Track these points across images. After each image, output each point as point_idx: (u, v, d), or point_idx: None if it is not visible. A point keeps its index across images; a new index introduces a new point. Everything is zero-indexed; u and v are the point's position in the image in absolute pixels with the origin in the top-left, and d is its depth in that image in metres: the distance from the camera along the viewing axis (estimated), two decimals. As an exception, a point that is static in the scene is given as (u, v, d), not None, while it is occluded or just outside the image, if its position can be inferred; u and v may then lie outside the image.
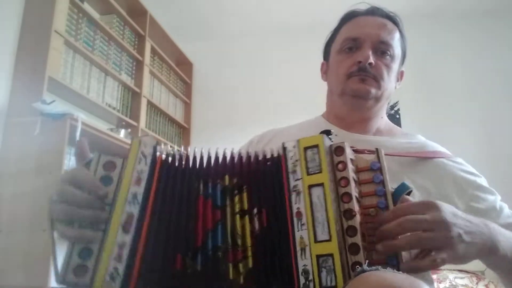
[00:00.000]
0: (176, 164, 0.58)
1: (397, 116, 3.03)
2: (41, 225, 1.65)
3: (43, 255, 1.61)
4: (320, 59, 1.01)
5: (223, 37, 3.55)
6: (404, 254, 0.51)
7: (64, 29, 2.02)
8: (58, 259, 0.52)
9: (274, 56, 3.41)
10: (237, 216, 0.54)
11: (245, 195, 0.55)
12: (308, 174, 0.53)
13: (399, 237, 0.51)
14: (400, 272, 0.45)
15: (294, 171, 0.54)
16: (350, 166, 0.54)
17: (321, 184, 0.52)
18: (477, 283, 2.20)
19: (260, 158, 0.58)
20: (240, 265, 0.52)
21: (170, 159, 0.58)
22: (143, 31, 2.79)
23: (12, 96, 1.88)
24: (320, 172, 0.53)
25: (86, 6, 2.30)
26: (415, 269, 0.51)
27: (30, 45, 1.92)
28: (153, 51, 3.00)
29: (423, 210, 0.52)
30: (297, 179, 0.54)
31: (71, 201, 0.52)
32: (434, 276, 2.15)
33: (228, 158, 0.59)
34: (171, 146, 0.59)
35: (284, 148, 0.56)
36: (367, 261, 0.48)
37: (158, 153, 0.57)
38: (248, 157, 0.58)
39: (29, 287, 1.59)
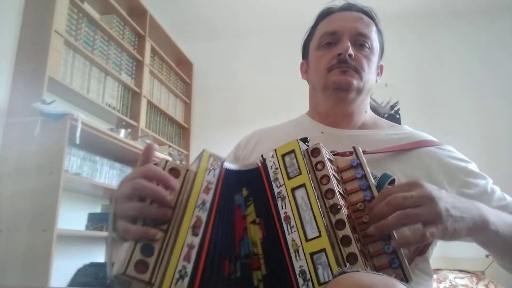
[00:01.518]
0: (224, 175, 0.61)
1: (397, 116, 3.03)
2: (41, 225, 1.65)
3: (43, 255, 1.61)
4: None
5: (223, 37, 3.55)
6: (403, 250, 0.52)
7: (64, 29, 2.03)
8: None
9: (274, 56, 3.41)
10: (251, 226, 0.57)
11: (252, 205, 0.58)
12: (289, 178, 0.56)
13: (389, 217, 0.52)
14: (379, 273, 0.45)
15: (276, 179, 0.57)
16: (329, 165, 0.57)
17: (303, 185, 0.54)
18: (477, 283, 2.20)
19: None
20: (259, 273, 0.54)
21: (227, 173, 0.61)
22: (143, 31, 2.79)
23: (12, 96, 1.88)
24: (300, 174, 0.55)
25: (86, 6, 2.30)
26: (406, 244, 0.52)
27: (30, 45, 1.93)
28: (153, 51, 3.00)
29: (408, 189, 0.54)
30: (280, 186, 0.56)
31: (143, 194, 0.53)
32: (434, 276, 2.15)
33: (241, 170, 0.62)
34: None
35: (264, 160, 0.60)
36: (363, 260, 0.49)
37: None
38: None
39: (29, 287, 1.59)
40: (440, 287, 2.20)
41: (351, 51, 0.81)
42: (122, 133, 2.35)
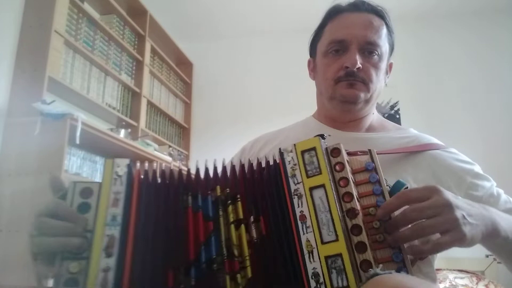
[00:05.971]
0: (159, 180, 0.57)
1: (397, 116, 3.03)
2: (41, 225, 1.65)
3: (43, 255, 1.61)
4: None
5: (223, 37, 3.55)
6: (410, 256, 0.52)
7: (64, 29, 2.03)
8: None
9: (274, 56, 3.41)
10: (232, 226, 0.54)
11: (239, 204, 0.55)
12: (308, 176, 0.53)
13: (405, 229, 0.51)
14: (414, 276, 0.45)
15: (294, 175, 0.54)
16: (348, 167, 0.55)
17: (322, 185, 0.52)
18: (477, 283, 2.20)
19: (255, 166, 0.58)
20: (238, 276, 0.51)
21: (150, 176, 0.57)
22: (143, 31, 2.79)
23: (12, 96, 1.88)
24: (320, 173, 0.53)
25: (86, 6, 2.30)
26: (419, 253, 0.52)
27: (30, 45, 1.92)
28: (153, 51, 3.00)
29: (426, 194, 0.53)
30: (298, 183, 0.54)
31: (50, 232, 0.50)
32: (434, 276, 2.15)
33: (219, 169, 0.58)
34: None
35: (282, 154, 0.57)
36: (380, 264, 0.48)
37: (134, 172, 0.56)
38: (242, 166, 0.58)
39: (29, 287, 1.59)
40: (440, 287, 2.20)
41: (359, 64, 0.79)
42: (122, 133, 2.34)
